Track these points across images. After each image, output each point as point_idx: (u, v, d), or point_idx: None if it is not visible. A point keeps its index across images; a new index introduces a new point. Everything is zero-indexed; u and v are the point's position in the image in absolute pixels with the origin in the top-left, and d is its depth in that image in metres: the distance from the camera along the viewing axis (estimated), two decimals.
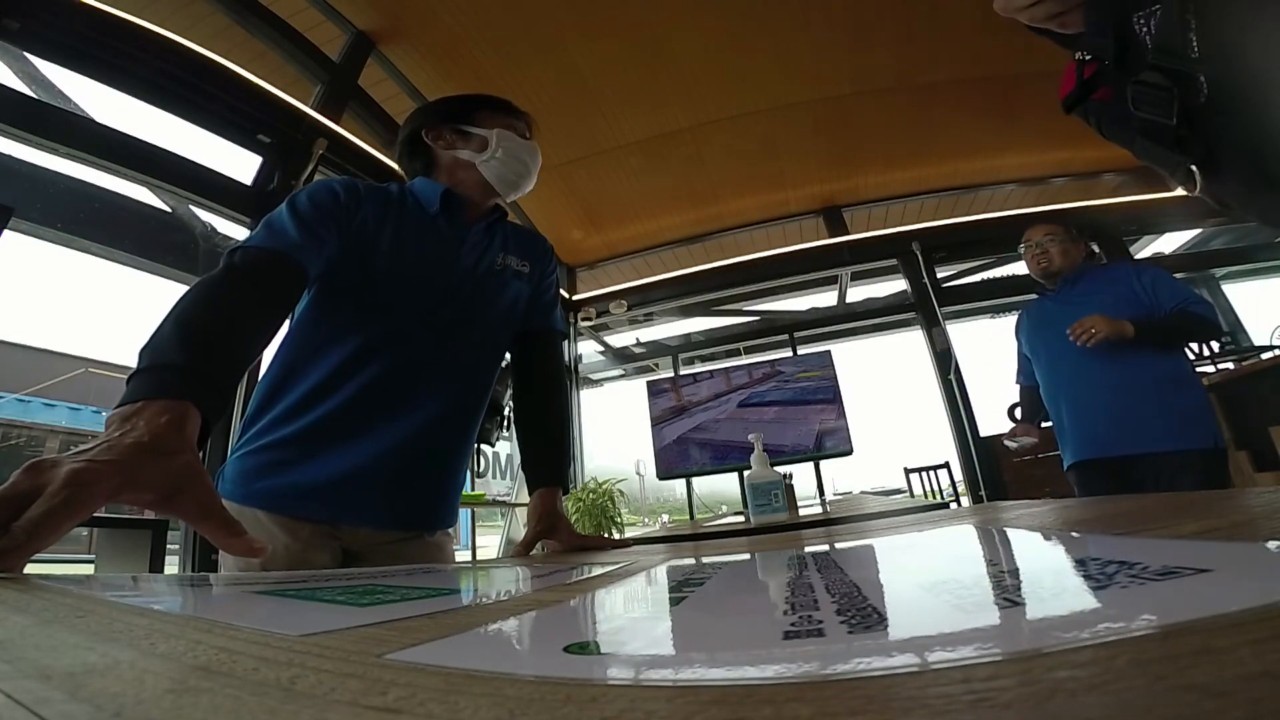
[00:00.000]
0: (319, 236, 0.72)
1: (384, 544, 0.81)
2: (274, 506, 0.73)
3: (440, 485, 0.86)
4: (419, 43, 3.42)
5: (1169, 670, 0.09)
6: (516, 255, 0.93)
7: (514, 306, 0.92)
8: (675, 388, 2.40)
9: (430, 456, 0.83)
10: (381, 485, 0.77)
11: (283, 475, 0.73)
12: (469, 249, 0.88)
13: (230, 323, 0.58)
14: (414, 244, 0.83)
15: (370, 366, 0.77)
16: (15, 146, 2.17)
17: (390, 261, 0.80)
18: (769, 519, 1.38)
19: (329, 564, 0.76)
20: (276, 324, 0.65)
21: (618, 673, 0.14)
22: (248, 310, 0.61)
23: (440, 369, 0.83)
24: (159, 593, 0.33)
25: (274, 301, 0.65)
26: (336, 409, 0.75)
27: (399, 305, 0.80)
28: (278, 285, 0.67)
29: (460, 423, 0.87)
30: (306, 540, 0.74)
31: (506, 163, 0.86)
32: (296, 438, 0.74)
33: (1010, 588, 0.20)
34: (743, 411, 2.59)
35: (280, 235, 0.70)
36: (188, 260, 2.74)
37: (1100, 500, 0.60)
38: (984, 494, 3.96)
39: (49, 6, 2.24)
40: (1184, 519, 0.32)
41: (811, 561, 0.32)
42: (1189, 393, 1.51)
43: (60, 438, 5.97)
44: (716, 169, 4.52)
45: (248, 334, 0.60)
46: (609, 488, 4.22)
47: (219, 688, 0.13)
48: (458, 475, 0.89)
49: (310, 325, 0.79)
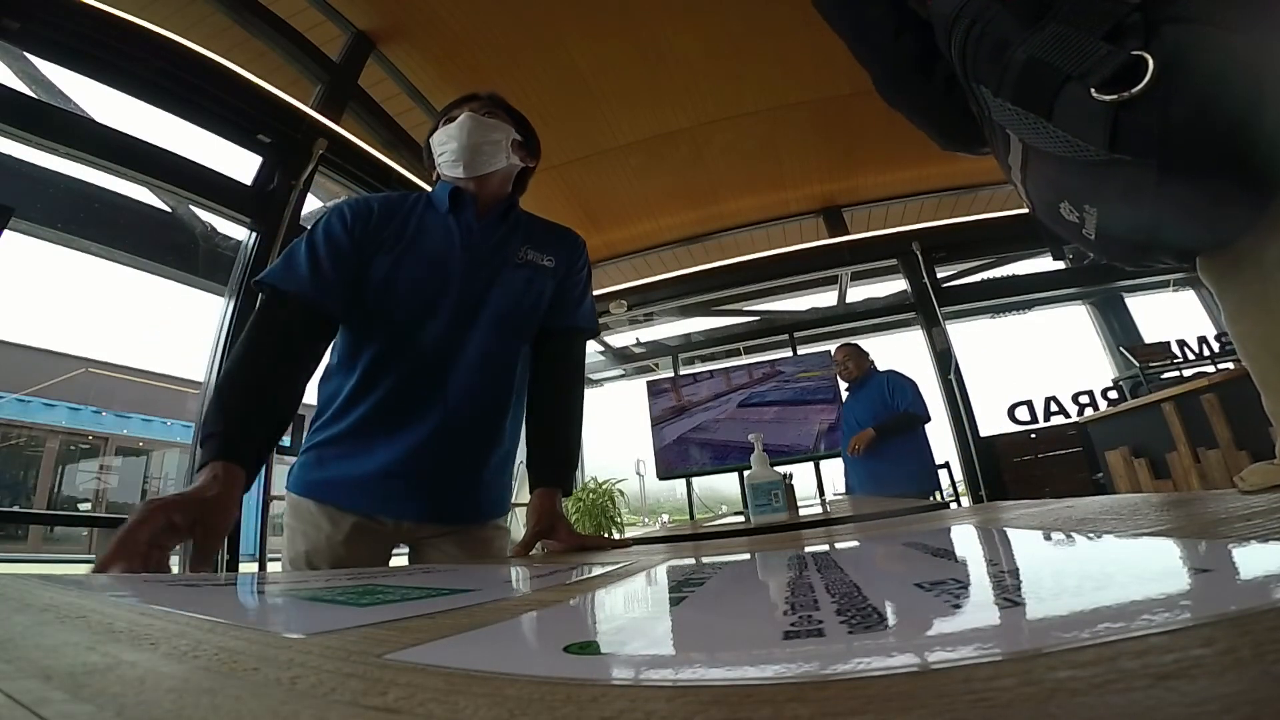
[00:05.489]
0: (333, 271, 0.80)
1: (430, 537, 0.87)
2: (319, 496, 0.82)
3: (476, 478, 0.88)
4: (419, 43, 3.42)
5: (1172, 670, 0.09)
6: (540, 249, 0.94)
7: (536, 299, 0.92)
8: (675, 388, 2.40)
9: (461, 450, 0.86)
10: (414, 480, 0.82)
11: (328, 470, 0.83)
12: (479, 240, 0.90)
13: (261, 391, 0.71)
14: (423, 243, 0.87)
15: (394, 366, 0.83)
16: (15, 146, 2.17)
17: (401, 264, 0.85)
18: (769, 519, 1.38)
19: (369, 558, 0.82)
20: (307, 370, 0.77)
21: (618, 673, 0.14)
22: (277, 373, 0.73)
23: (461, 363, 0.85)
24: (160, 593, 0.33)
25: (302, 354, 0.77)
26: (369, 411, 0.83)
27: (411, 303, 0.85)
28: (304, 336, 0.78)
29: (488, 415, 0.88)
30: (348, 533, 0.81)
31: (441, 151, 0.91)
32: (341, 437, 0.83)
33: (1010, 588, 0.20)
34: (743, 411, 2.59)
35: (298, 278, 0.78)
36: (188, 260, 2.74)
37: (1101, 500, 0.60)
38: (984, 494, 3.96)
39: (49, 6, 2.24)
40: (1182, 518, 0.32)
41: (811, 561, 0.32)
42: (918, 457, 2.64)
43: (60, 438, 5.96)
44: (716, 169, 4.52)
45: (278, 393, 0.73)
46: (609, 488, 4.22)
47: (220, 687, 0.13)
48: (495, 468, 0.90)
49: (345, 334, 0.87)
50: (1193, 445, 2.43)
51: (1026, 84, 0.49)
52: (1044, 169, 0.53)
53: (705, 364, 5.13)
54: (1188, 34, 0.43)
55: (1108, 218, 0.50)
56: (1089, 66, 0.44)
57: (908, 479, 2.51)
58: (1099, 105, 0.44)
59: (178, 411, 6.45)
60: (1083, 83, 0.45)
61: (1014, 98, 0.50)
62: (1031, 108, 0.49)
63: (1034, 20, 0.49)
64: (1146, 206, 0.47)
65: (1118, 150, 0.45)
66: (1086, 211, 0.51)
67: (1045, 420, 4.17)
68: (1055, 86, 0.47)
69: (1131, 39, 0.44)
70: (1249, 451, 2.21)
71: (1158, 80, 0.42)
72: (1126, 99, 0.43)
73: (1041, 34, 0.48)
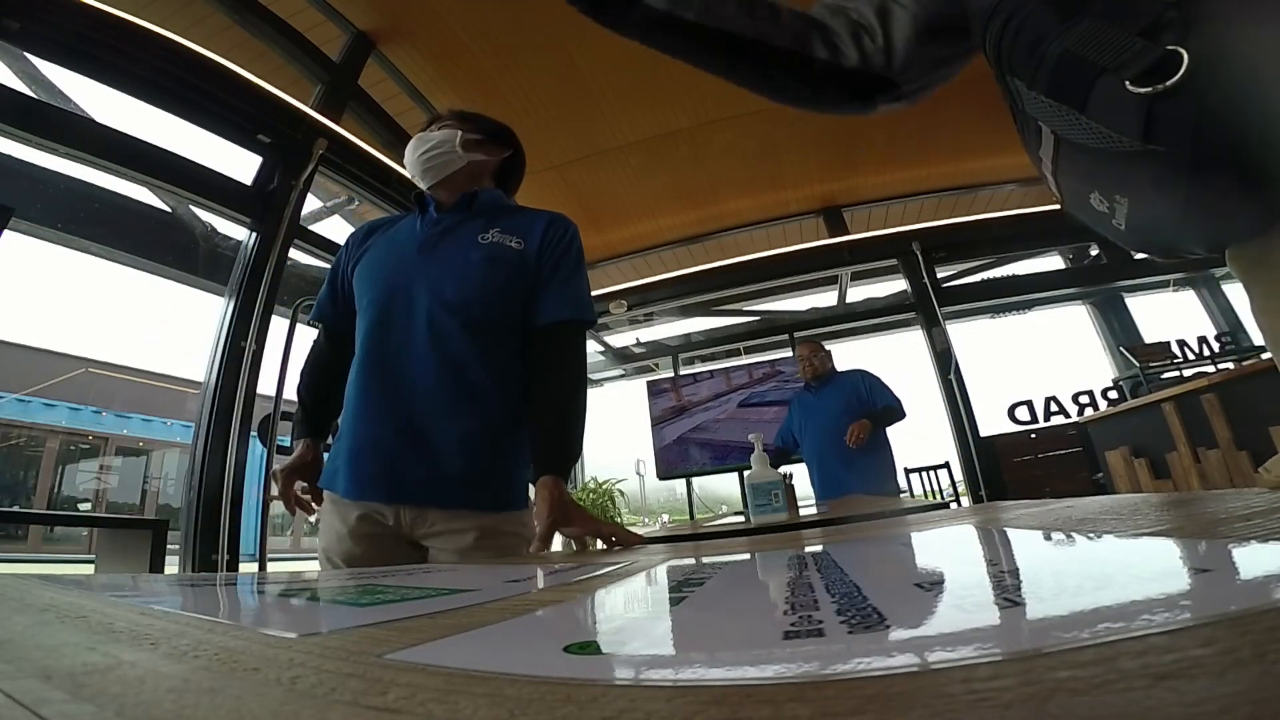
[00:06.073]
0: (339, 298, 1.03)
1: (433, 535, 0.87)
2: (326, 484, 0.93)
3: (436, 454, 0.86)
4: (419, 43, 3.42)
5: (1172, 670, 0.09)
6: (509, 231, 0.95)
7: (497, 278, 0.92)
8: (675, 388, 2.39)
9: (417, 427, 0.86)
10: (384, 457, 0.87)
11: (331, 460, 0.94)
12: (432, 229, 0.96)
13: (314, 390, 1.04)
14: (383, 246, 0.99)
15: (361, 357, 0.93)
16: (15, 146, 2.17)
17: (364, 267, 0.98)
18: (769, 519, 1.38)
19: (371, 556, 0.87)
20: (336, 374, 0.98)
21: (618, 673, 0.14)
22: (317, 378, 1.05)
23: (411, 343, 0.89)
24: (160, 593, 0.33)
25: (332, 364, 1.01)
26: (348, 401, 0.93)
27: (365, 297, 0.95)
28: (330, 350, 1.04)
29: (454, 395, 0.87)
30: (353, 526, 0.87)
31: (410, 174, 1.01)
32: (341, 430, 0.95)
33: (1010, 588, 0.20)
34: (743, 411, 2.59)
35: (321, 309, 1.05)
36: (188, 260, 2.74)
37: (1101, 500, 0.60)
38: (984, 494, 3.96)
39: (49, 6, 2.24)
40: (1182, 518, 0.32)
41: (811, 561, 0.32)
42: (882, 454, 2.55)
43: (60, 438, 5.97)
44: (716, 169, 4.52)
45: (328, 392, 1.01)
46: (609, 488, 4.23)
47: (220, 687, 0.13)
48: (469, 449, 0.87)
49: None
50: (1193, 445, 2.43)
51: (1061, 77, 0.49)
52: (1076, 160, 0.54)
53: (705, 364, 5.12)
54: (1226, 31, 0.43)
55: (1138, 208, 0.51)
56: (1124, 60, 0.45)
57: (885, 478, 2.52)
58: (1133, 97, 0.44)
59: (178, 411, 6.46)
60: (1117, 75, 0.45)
61: (1048, 90, 0.50)
62: (1066, 100, 0.49)
63: (1070, 15, 0.49)
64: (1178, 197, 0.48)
65: (1151, 141, 0.45)
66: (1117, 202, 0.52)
67: (1045, 420, 4.18)
68: (1090, 79, 0.47)
69: (1168, 34, 0.44)
70: (1249, 451, 2.21)
71: (1193, 74, 0.42)
72: (1161, 91, 0.43)
73: (1077, 29, 0.48)
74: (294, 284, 2.90)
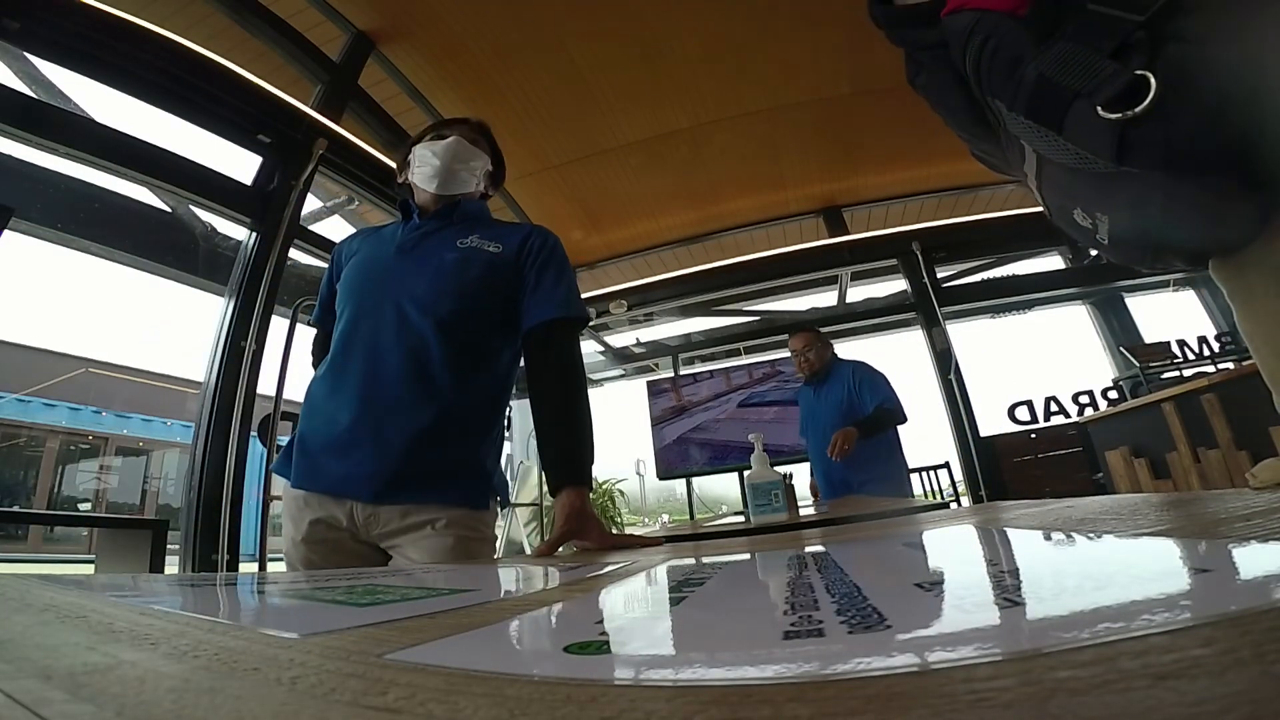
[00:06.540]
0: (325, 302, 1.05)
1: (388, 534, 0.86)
2: (279, 469, 0.93)
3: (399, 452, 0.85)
4: (419, 43, 3.41)
5: (1172, 670, 0.09)
6: (488, 239, 0.97)
7: (473, 279, 0.93)
8: (675, 388, 2.39)
9: (383, 423, 0.86)
10: (336, 446, 0.87)
11: (287, 447, 0.94)
12: (411, 234, 0.98)
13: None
14: (365, 251, 1.00)
15: (335, 350, 0.93)
16: (15, 146, 2.17)
17: (353, 268, 0.99)
18: (769, 519, 1.38)
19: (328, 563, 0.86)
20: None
21: (618, 673, 0.14)
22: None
23: (379, 341, 0.90)
24: (160, 593, 0.33)
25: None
26: (315, 391, 0.94)
27: (343, 298, 0.97)
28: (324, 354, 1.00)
29: (416, 391, 0.87)
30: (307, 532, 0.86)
31: (421, 164, 1.01)
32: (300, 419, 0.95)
33: (1010, 588, 0.20)
34: (743, 411, 2.58)
35: (317, 314, 1.08)
36: (188, 260, 2.74)
37: (1101, 500, 0.60)
38: (984, 494, 3.96)
39: (49, 6, 2.24)
40: (1182, 518, 0.32)
41: (811, 561, 0.32)
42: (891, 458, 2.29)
43: (60, 438, 5.97)
44: (716, 169, 4.52)
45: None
46: (609, 488, 4.23)
47: (220, 687, 0.13)
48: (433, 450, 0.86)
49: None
50: (1193, 445, 2.43)
51: (1038, 100, 0.51)
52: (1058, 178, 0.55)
53: (705, 364, 5.12)
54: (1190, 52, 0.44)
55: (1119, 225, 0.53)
56: (1096, 85, 0.46)
57: (887, 484, 2.21)
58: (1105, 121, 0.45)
59: (178, 411, 6.45)
60: (1090, 100, 0.46)
61: (1027, 113, 0.52)
62: (1043, 122, 0.51)
63: (1045, 36, 0.50)
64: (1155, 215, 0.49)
65: (1125, 164, 0.46)
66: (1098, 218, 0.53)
67: (1045, 420, 4.17)
68: (1065, 103, 0.48)
69: (1137, 56, 0.45)
70: (1249, 451, 2.21)
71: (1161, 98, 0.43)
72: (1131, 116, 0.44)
73: (1051, 51, 0.49)
74: (294, 284, 2.90)
